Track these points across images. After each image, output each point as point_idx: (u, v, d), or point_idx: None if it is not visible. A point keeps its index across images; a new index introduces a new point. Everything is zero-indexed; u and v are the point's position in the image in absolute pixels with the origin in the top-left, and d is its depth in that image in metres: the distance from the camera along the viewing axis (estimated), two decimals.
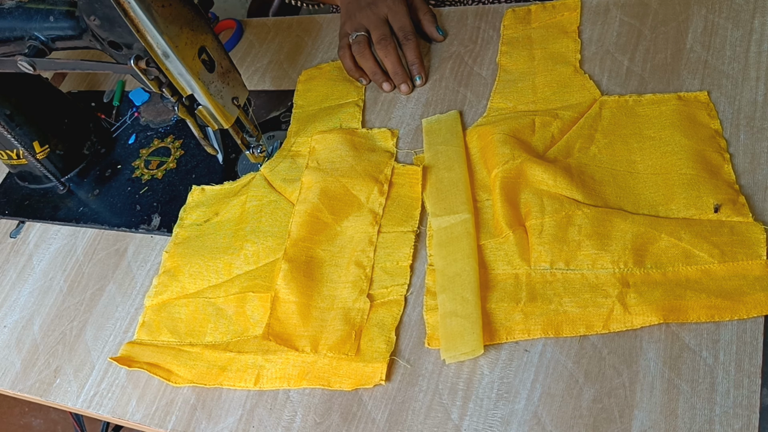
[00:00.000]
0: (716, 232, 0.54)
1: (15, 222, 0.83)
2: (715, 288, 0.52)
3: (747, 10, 0.68)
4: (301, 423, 0.56)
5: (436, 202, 0.64)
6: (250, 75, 0.87)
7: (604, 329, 0.53)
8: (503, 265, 0.58)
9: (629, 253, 0.55)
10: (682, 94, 0.64)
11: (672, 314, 0.51)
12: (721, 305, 0.51)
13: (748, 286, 0.51)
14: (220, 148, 0.71)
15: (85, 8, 0.57)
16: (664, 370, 0.50)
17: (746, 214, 0.55)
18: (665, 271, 0.54)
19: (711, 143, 0.60)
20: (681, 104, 0.63)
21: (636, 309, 0.52)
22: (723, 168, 0.58)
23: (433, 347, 0.57)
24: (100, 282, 0.72)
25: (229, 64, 0.65)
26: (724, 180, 0.57)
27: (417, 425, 0.53)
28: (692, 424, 0.47)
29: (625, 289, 0.54)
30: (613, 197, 0.60)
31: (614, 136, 0.64)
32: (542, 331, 0.54)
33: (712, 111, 0.62)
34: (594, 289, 0.54)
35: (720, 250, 0.53)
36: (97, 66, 0.64)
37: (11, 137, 0.76)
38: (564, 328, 0.54)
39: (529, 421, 0.51)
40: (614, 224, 0.56)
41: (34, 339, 0.70)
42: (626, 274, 0.54)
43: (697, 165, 0.58)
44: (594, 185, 0.61)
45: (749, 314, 0.50)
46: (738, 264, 0.52)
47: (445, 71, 0.77)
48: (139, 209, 0.77)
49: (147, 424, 0.61)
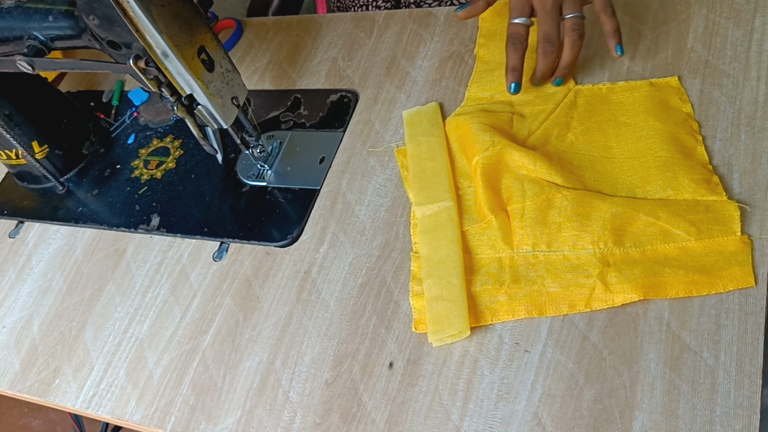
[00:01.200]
0: (692, 210, 0.56)
1: (14, 222, 0.82)
2: (692, 264, 0.54)
3: (748, 10, 0.68)
4: (300, 424, 0.56)
5: (419, 191, 0.66)
6: (250, 74, 0.87)
7: (586, 308, 0.54)
8: (487, 249, 0.60)
9: (609, 234, 0.56)
10: (654, 80, 0.66)
11: (652, 291, 0.53)
12: (699, 280, 0.53)
13: (724, 261, 0.53)
14: (219, 147, 0.71)
15: (84, 8, 0.57)
16: (664, 371, 0.50)
17: (720, 193, 0.56)
18: (644, 249, 0.56)
19: (684, 126, 0.62)
20: (653, 90, 0.65)
21: (617, 287, 0.54)
22: (696, 149, 0.60)
23: (419, 331, 0.58)
24: (99, 282, 0.72)
25: (228, 64, 0.65)
26: (698, 161, 0.59)
27: (417, 426, 0.53)
28: (693, 424, 0.47)
29: (606, 268, 0.55)
30: (592, 181, 0.61)
31: (590, 123, 0.65)
32: (526, 312, 0.55)
33: (683, 95, 0.64)
34: (575, 269, 0.56)
35: (696, 227, 0.55)
36: (96, 66, 0.64)
37: (10, 137, 0.76)
38: (547, 308, 0.55)
39: (530, 421, 0.51)
40: (594, 206, 0.58)
41: (33, 339, 0.70)
42: (606, 254, 0.56)
43: (672, 147, 0.60)
44: (573, 170, 0.62)
45: (726, 288, 0.52)
46: (714, 240, 0.54)
47: (445, 71, 0.77)
48: (138, 209, 0.77)
49: (146, 425, 0.60)
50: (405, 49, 0.81)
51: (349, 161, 0.73)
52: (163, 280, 0.70)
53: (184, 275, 0.70)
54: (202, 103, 0.63)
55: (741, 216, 0.55)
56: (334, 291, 0.63)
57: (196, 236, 0.72)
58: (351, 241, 0.66)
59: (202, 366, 0.63)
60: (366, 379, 0.57)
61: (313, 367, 0.59)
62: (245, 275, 0.67)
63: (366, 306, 0.61)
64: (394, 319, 0.59)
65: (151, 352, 0.65)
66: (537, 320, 0.55)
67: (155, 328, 0.67)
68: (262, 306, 0.65)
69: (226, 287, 0.67)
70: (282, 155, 0.76)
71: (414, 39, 0.81)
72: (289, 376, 0.59)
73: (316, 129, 0.78)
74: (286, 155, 0.76)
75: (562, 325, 0.55)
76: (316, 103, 0.80)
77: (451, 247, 0.60)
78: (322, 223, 0.69)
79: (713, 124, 0.62)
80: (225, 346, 0.63)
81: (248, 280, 0.67)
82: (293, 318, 0.63)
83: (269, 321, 0.63)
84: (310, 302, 0.63)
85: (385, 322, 0.59)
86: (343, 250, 0.66)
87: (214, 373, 0.62)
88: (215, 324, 0.65)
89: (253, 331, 0.63)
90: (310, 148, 0.76)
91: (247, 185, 0.75)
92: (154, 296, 0.69)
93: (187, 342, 0.65)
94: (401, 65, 0.80)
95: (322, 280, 0.64)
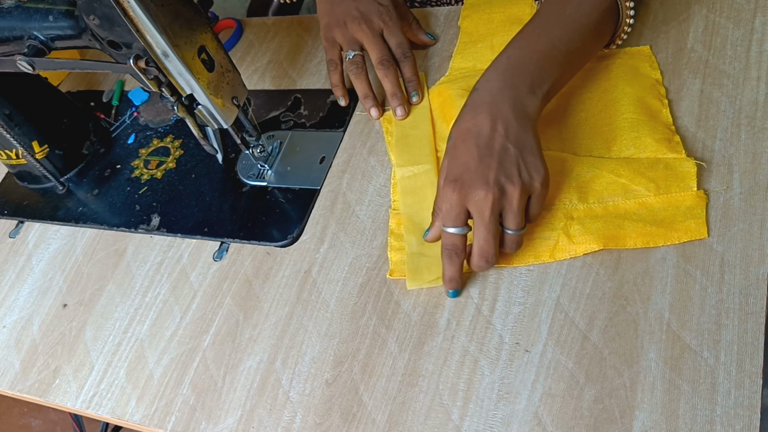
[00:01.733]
0: (652, 167, 0.59)
1: (14, 222, 0.82)
2: (650, 218, 0.57)
3: (748, 10, 0.68)
4: (300, 423, 0.56)
5: (400, 154, 0.70)
6: (250, 74, 0.87)
7: (550, 258, 0.58)
8: None
9: (573, 191, 0.60)
10: (627, 48, 0.69)
11: (611, 241, 0.57)
12: (656, 232, 0.56)
13: (680, 215, 0.56)
14: (219, 147, 0.71)
15: (84, 8, 0.57)
16: (665, 371, 0.50)
17: (680, 151, 0.60)
18: (606, 205, 0.59)
19: (651, 91, 0.65)
20: (627, 57, 0.69)
21: (578, 239, 0.57)
22: (662, 112, 0.64)
23: (394, 278, 0.61)
24: (99, 282, 0.72)
25: (228, 64, 0.65)
26: (662, 122, 0.63)
27: (417, 426, 0.53)
28: (693, 424, 0.47)
29: (569, 221, 0.59)
30: (558, 142, 0.65)
31: (567, 88, 0.67)
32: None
33: (653, 63, 0.68)
34: (541, 223, 0.60)
35: (656, 184, 0.58)
36: (97, 65, 0.64)
37: (10, 137, 0.76)
38: (514, 259, 0.59)
39: (530, 421, 0.51)
40: (563, 165, 0.61)
41: (33, 339, 0.70)
42: (571, 209, 0.59)
43: (638, 110, 0.63)
44: (548, 131, 0.65)
45: (680, 239, 0.55)
46: (672, 196, 0.58)
47: (445, 71, 0.77)
48: (138, 209, 0.77)
49: (146, 425, 0.60)
50: None
51: (350, 161, 0.73)
52: (163, 280, 0.70)
53: (185, 275, 0.70)
54: (202, 103, 0.63)
55: (698, 172, 0.58)
56: (334, 291, 0.63)
57: (197, 236, 0.72)
58: (351, 241, 0.66)
59: (202, 366, 0.63)
60: (366, 379, 0.57)
61: (313, 367, 0.59)
62: (245, 275, 0.67)
63: (366, 306, 0.61)
64: (395, 319, 0.59)
65: (152, 352, 0.65)
66: (537, 320, 0.55)
67: (155, 328, 0.67)
68: (262, 306, 0.65)
69: (227, 287, 0.67)
70: (282, 155, 0.76)
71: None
72: (289, 376, 0.59)
73: (316, 129, 0.78)
74: (287, 155, 0.76)
75: (563, 324, 0.55)
76: (317, 103, 0.80)
77: (431, 208, 0.62)
78: (322, 223, 0.69)
79: (713, 124, 0.62)
80: (225, 346, 0.63)
81: (248, 280, 0.67)
82: (293, 318, 0.63)
83: (269, 321, 0.63)
84: (310, 302, 0.63)
85: (385, 322, 0.59)
86: (343, 250, 0.66)
87: (214, 373, 0.62)
88: (215, 324, 0.65)
89: (254, 331, 0.63)
90: (310, 148, 0.76)
91: (247, 185, 0.75)
92: (154, 296, 0.69)
93: (187, 342, 0.65)
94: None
95: (322, 280, 0.64)
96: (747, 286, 0.52)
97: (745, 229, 0.55)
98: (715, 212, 0.56)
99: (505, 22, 0.76)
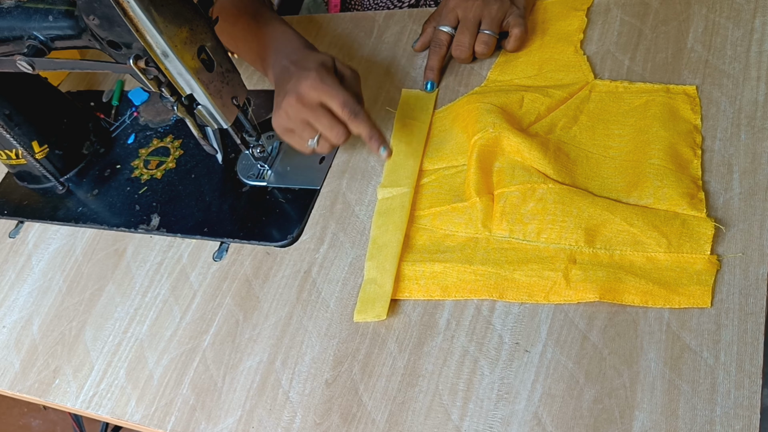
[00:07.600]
0: (668, 222, 0.56)
1: (14, 222, 0.82)
2: (656, 276, 0.54)
3: (748, 10, 0.68)
4: (300, 423, 0.56)
5: (387, 173, 0.69)
6: (250, 74, 0.87)
7: (544, 300, 0.56)
8: (465, 228, 0.62)
9: (582, 233, 0.57)
10: (671, 86, 0.66)
11: (609, 294, 0.54)
12: (657, 292, 0.53)
13: (687, 278, 0.53)
14: (219, 147, 0.71)
15: (84, 8, 0.57)
16: (664, 371, 0.50)
17: (701, 209, 0.56)
18: (612, 253, 0.56)
19: (686, 138, 0.61)
20: (667, 96, 0.65)
21: (577, 285, 0.55)
22: (692, 163, 0.60)
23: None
24: (99, 282, 0.72)
25: (228, 64, 0.65)
26: (690, 174, 0.59)
27: (417, 426, 0.53)
28: (693, 424, 0.47)
29: (571, 265, 0.57)
30: (582, 177, 0.62)
31: (597, 120, 0.66)
32: (487, 293, 0.58)
33: (696, 106, 0.63)
34: (543, 261, 0.58)
35: (668, 240, 0.55)
36: (97, 65, 0.64)
37: (10, 137, 0.76)
38: (508, 293, 0.57)
39: (530, 421, 0.51)
40: (574, 202, 0.59)
41: (33, 339, 0.70)
42: (575, 252, 0.57)
43: (667, 157, 0.60)
44: (567, 163, 0.63)
45: (680, 305, 0.52)
46: (682, 256, 0.55)
47: (445, 70, 0.77)
48: (138, 209, 0.77)
49: (146, 425, 0.60)
50: (405, 49, 0.81)
51: (349, 161, 0.73)
52: (163, 280, 0.70)
53: (184, 275, 0.70)
54: (202, 103, 0.63)
55: (715, 235, 0.54)
56: (334, 291, 0.63)
57: (196, 236, 0.72)
58: (351, 241, 0.66)
59: (202, 366, 0.63)
60: (366, 379, 0.57)
61: (313, 367, 0.59)
62: (245, 275, 0.67)
63: None
64: (394, 319, 0.59)
65: (151, 352, 0.65)
66: (537, 320, 0.55)
67: (155, 328, 0.67)
68: (262, 306, 0.65)
69: (226, 287, 0.67)
70: (282, 155, 0.76)
71: (414, 39, 0.81)
72: (289, 376, 0.59)
73: None
74: (286, 155, 0.76)
75: (562, 325, 0.55)
76: None
77: (395, 233, 0.63)
78: (322, 223, 0.69)
79: (713, 124, 0.62)
80: (225, 346, 0.63)
81: (248, 280, 0.67)
82: (293, 318, 0.63)
83: (269, 321, 0.63)
84: (310, 302, 0.63)
85: (385, 322, 0.59)
86: (343, 250, 0.66)
87: (214, 373, 0.62)
88: (215, 324, 0.65)
89: (253, 331, 0.63)
90: None
91: (247, 185, 0.75)
92: (154, 296, 0.69)
93: (187, 342, 0.65)
94: (401, 65, 0.80)
95: (322, 280, 0.64)
96: (747, 286, 0.52)
97: (745, 229, 0.55)
98: (715, 212, 0.56)
99: (551, 36, 0.75)
